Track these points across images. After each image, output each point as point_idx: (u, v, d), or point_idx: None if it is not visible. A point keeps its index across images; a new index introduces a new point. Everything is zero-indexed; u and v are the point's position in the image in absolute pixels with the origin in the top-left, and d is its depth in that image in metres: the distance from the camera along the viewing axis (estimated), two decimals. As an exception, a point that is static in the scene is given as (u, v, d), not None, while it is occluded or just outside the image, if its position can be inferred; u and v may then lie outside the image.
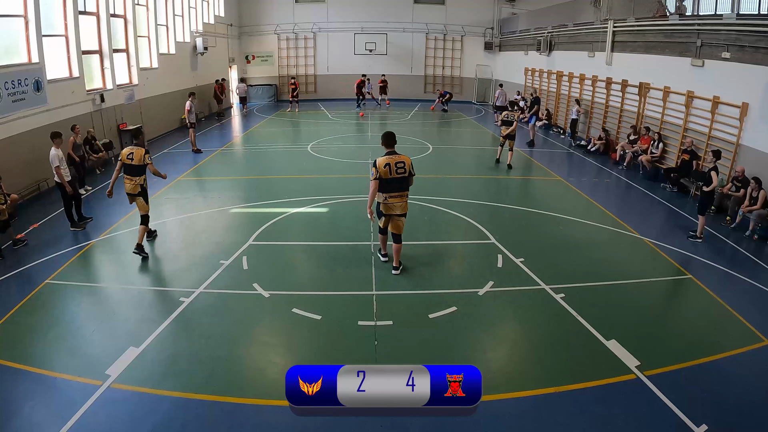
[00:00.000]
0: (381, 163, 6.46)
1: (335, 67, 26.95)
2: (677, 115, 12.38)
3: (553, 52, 20.34)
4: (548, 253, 7.85)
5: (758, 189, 8.87)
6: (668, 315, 6.40)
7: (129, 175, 7.48)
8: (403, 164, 6.50)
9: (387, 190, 6.55)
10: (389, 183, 6.50)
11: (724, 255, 8.20)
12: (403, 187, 6.59)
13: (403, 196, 6.62)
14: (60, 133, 8.63)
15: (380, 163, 6.47)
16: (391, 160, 6.48)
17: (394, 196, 6.57)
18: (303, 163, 13.69)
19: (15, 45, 10.40)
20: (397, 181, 6.49)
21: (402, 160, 6.52)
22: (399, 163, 6.48)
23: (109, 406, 4.48)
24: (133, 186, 7.49)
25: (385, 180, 6.48)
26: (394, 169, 6.46)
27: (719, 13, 11.38)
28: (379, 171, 6.45)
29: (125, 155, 7.50)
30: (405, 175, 6.52)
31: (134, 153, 7.46)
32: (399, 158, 6.53)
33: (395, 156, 6.55)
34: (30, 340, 5.44)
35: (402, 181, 6.54)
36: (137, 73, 15.85)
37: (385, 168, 6.45)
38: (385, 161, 6.48)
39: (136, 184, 7.48)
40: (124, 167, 7.52)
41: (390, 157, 6.52)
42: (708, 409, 4.52)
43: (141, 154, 7.45)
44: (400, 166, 6.48)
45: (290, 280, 7.04)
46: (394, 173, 6.47)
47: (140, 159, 7.42)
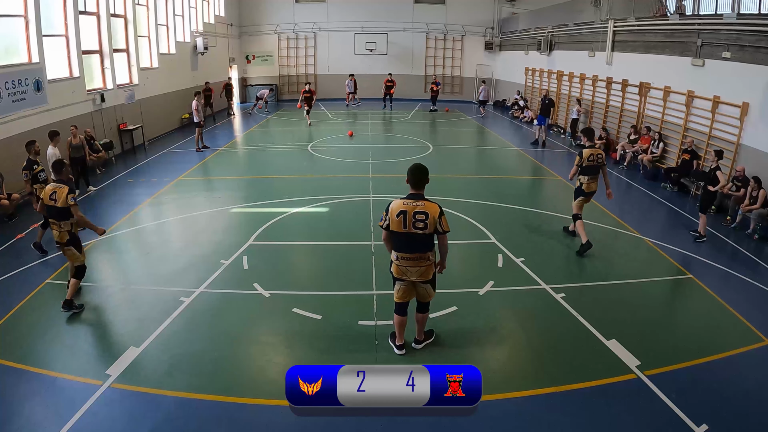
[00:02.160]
0: (394, 210, 4.64)
1: (335, 67, 26.94)
2: (678, 115, 12.37)
3: (553, 52, 20.33)
4: (549, 253, 7.85)
5: (758, 188, 8.86)
6: (669, 315, 6.40)
7: (54, 219, 5.97)
8: (425, 217, 4.58)
9: (399, 248, 4.78)
10: (401, 238, 4.71)
11: (725, 254, 8.19)
12: (422, 247, 4.72)
13: (422, 258, 4.76)
14: (58, 132, 8.70)
15: (393, 208, 4.66)
16: (408, 208, 4.60)
17: (408, 258, 4.76)
18: (303, 163, 13.69)
19: (15, 45, 10.41)
20: (414, 237, 4.66)
21: (425, 211, 4.58)
22: (419, 214, 4.58)
23: (110, 405, 4.48)
24: (60, 234, 6.00)
25: (397, 234, 4.70)
26: (411, 222, 4.60)
27: (719, 13, 11.38)
28: (390, 219, 4.67)
29: (47, 195, 5.93)
30: (426, 231, 4.63)
31: (57, 192, 5.89)
32: (422, 206, 4.60)
33: (417, 203, 4.62)
34: (30, 340, 5.44)
35: (420, 239, 4.67)
36: (137, 73, 15.85)
37: (398, 217, 4.61)
38: (401, 208, 4.62)
39: (63, 231, 5.98)
40: (47, 210, 6.04)
41: (409, 203, 4.63)
42: (708, 408, 4.51)
43: (64, 193, 5.86)
44: (420, 218, 4.58)
45: (291, 279, 7.04)
46: (411, 227, 4.62)
47: (64, 201, 5.86)
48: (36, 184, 7.70)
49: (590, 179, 7.83)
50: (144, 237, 8.55)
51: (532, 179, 13.11)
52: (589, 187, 7.87)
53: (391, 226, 4.68)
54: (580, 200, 7.97)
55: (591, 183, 7.86)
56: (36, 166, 7.65)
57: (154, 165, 13.53)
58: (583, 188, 7.87)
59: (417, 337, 5.36)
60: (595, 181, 7.87)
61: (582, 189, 7.90)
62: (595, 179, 7.86)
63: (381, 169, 12.82)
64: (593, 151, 7.78)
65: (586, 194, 7.93)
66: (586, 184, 7.85)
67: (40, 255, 7.50)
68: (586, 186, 7.85)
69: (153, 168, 13.19)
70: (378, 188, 10.89)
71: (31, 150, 7.83)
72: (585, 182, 7.85)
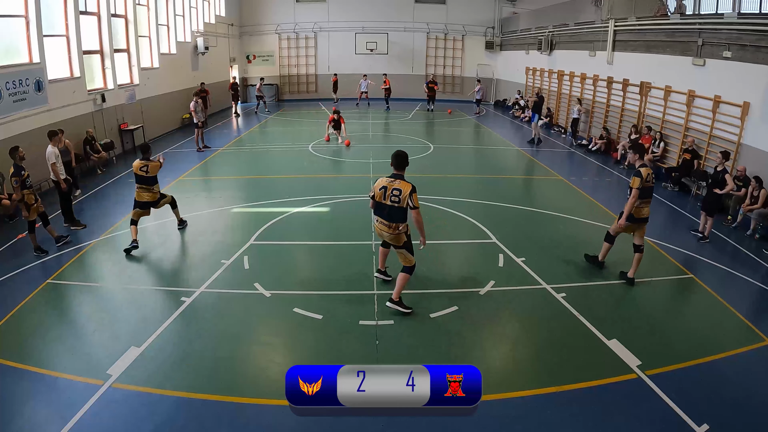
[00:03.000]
0: (378, 184, 5.86)
1: (336, 67, 26.93)
2: (678, 115, 12.36)
3: (554, 52, 20.31)
4: (549, 253, 7.84)
5: (759, 188, 8.85)
6: (670, 314, 6.39)
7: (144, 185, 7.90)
8: (400, 192, 5.69)
9: (378, 214, 5.92)
10: (380, 207, 5.86)
11: (726, 254, 8.18)
12: (393, 218, 5.78)
13: (391, 226, 5.82)
14: (56, 132, 8.75)
15: (377, 183, 5.87)
16: (389, 184, 5.76)
17: (382, 223, 5.90)
18: (304, 163, 13.69)
19: (16, 45, 10.41)
20: (387, 208, 5.78)
21: (400, 188, 5.71)
22: (395, 190, 5.71)
23: (111, 405, 4.48)
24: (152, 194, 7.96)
25: (377, 203, 5.87)
26: (389, 195, 5.74)
27: (720, 12, 11.37)
28: (374, 190, 5.88)
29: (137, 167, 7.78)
30: (400, 205, 5.72)
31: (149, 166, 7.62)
32: (398, 184, 5.74)
33: (396, 181, 5.77)
34: (31, 340, 5.45)
35: (393, 210, 5.76)
36: (138, 73, 15.86)
37: (380, 191, 5.79)
38: (383, 183, 5.81)
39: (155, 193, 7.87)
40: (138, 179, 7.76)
41: (390, 181, 5.79)
42: (709, 408, 4.51)
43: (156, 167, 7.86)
44: (395, 193, 5.71)
45: (291, 279, 7.04)
46: (388, 200, 5.76)
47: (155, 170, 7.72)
48: (24, 190, 7.45)
49: (642, 203, 6.65)
50: (145, 237, 8.55)
51: (533, 179, 13.09)
52: (640, 213, 6.67)
53: (375, 197, 5.86)
54: (626, 225, 6.75)
55: (643, 207, 6.68)
56: (23, 171, 7.41)
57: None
58: (632, 213, 6.66)
59: (393, 297, 6.06)
60: (647, 205, 6.70)
61: (631, 213, 6.67)
62: (647, 203, 6.69)
63: (381, 169, 12.79)
64: (648, 170, 6.60)
65: (636, 220, 6.69)
66: (636, 209, 6.64)
67: (41, 255, 7.50)
68: (635, 211, 6.65)
69: (154, 168, 13.17)
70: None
71: (16, 156, 7.47)
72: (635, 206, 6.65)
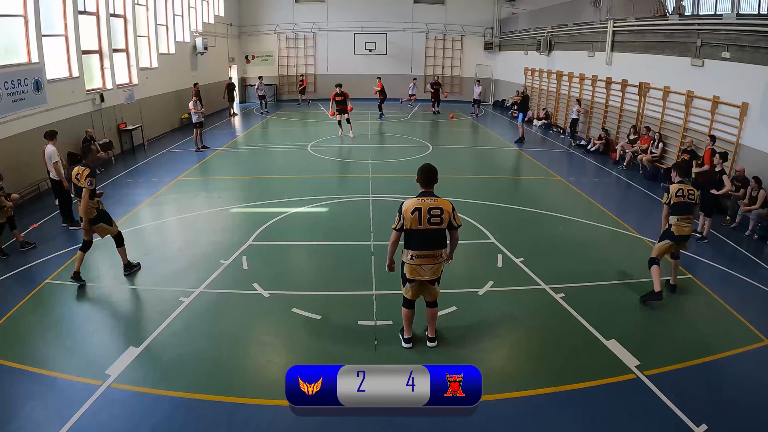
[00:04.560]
0: (408, 208, 4.78)
1: (335, 67, 26.94)
2: (677, 115, 12.38)
3: (553, 52, 20.34)
4: (548, 253, 7.85)
5: (758, 188, 8.87)
6: (668, 315, 6.39)
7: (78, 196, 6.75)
8: (441, 212, 4.78)
9: (414, 246, 4.89)
10: (417, 235, 4.85)
11: (724, 255, 8.19)
12: (438, 244, 4.90)
13: (437, 255, 4.93)
14: (55, 132, 8.77)
15: (407, 207, 4.79)
16: (423, 205, 4.78)
17: (424, 255, 4.90)
18: (303, 163, 13.68)
19: (15, 45, 10.40)
20: (429, 234, 4.84)
21: (439, 206, 4.79)
22: (434, 210, 4.77)
23: (109, 406, 4.48)
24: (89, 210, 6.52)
25: (412, 232, 4.84)
26: (426, 218, 4.77)
27: (719, 13, 11.40)
28: (404, 218, 4.78)
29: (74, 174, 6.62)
30: (442, 227, 4.83)
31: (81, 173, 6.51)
32: (436, 202, 4.81)
33: (431, 199, 4.82)
34: (30, 340, 5.43)
35: (436, 235, 4.86)
36: (137, 73, 15.85)
37: (413, 214, 4.76)
38: (415, 205, 4.78)
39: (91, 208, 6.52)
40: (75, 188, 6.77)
41: (423, 200, 4.81)
42: (708, 408, 4.51)
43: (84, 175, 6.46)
44: (435, 213, 4.77)
45: (290, 279, 7.03)
46: (426, 223, 4.78)
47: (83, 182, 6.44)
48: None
49: (681, 219, 6.38)
50: (143, 237, 8.55)
51: (532, 179, 13.10)
52: (680, 230, 6.38)
53: (405, 225, 4.81)
54: (665, 244, 6.50)
55: (682, 224, 6.39)
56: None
57: (153, 165, 13.53)
58: (672, 230, 6.42)
59: (430, 334, 5.41)
60: (688, 223, 6.43)
61: (670, 231, 6.44)
62: (687, 220, 6.42)
63: (380, 169, 12.82)
64: (683, 186, 6.45)
65: (675, 238, 6.41)
66: (676, 226, 6.38)
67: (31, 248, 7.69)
68: (675, 228, 6.39)
69: (153, 168, 13.18)
70: (377, 188, 10.89)
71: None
72: (674, 223, 6.39)
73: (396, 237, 4.95)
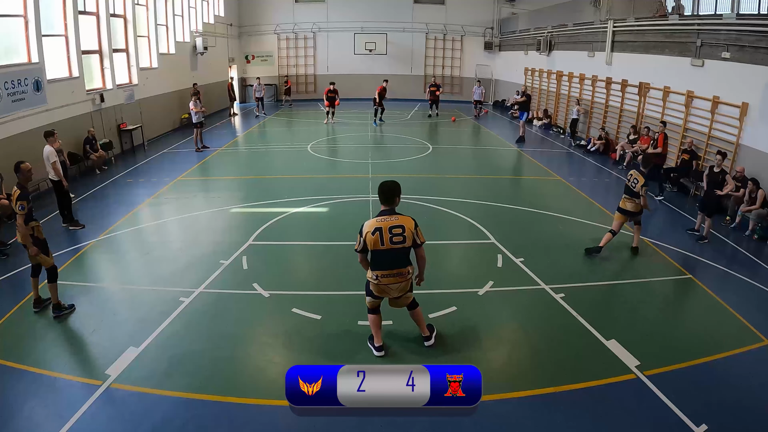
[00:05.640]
0: (368, 229, 4.66)
1: (335, 67, 26.94)
2: (677, 115, 12.38)
3: (553, 52, 20.34)
4: (548, 253, 7.85)
5: (756, 189, 8.87)
6: (668, 315, 6.40)
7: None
8: (402, 230, 4.65)
9: (378, 267, 4.78)
10: (380, 256, 4.73)
11: (724, 255, 8.20)
12: (402, 263, 4.77)
13: (403, 274, 4.81)
14: (53, 131, 8.78)
15: (367, 228, 4.68)
16: (383, 224, 4.65)
17: (389, 275, 4.79)
18: (303, 163, 13.68)
19: (15, 45, 10.40)
20: (393, 253, 4.71)
21: (400, 224, 4.66)
22: (395, 228, 4.64)
23: (109, 406, 4.48)
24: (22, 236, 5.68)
25: (375, 252, 4.72)
26: (387, 237, 4.64)
27: (719, 13, 11.40)
28: (365, 239, 4.67)
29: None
30: (405, 245, 4.69)
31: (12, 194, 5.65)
32: (397, 220, 4.68)
33: (391, 218, 4.70)
34: (30, 340, 5.44)
35: (400, 254, 4.72)
36: (137, 73, 15.84)
37: (374, 235, 4.63)
38: (375, 225, 4.65)
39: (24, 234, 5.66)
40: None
41: (383, 220, 4.68)
42: (708, 408, 4.51)
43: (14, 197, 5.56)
44: (397, 232, 4.64)
45: (290, 279, 7.03)
46: (387, 243, 4.64)
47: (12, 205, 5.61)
48: None
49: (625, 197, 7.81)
50: (143, 237, 8.55)
51: (532, 179, 13.10)
52: (624, 204, 7.80)
53: (368, 246, 4.71)
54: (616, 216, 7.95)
55: (626, 201, 7.79)
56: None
57: (153, 165, 13.52)
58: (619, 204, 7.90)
59: (423, 334, 5.37)
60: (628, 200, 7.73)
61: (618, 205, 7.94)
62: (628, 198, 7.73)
63: (380, 170, 12.82)
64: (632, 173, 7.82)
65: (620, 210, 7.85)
66: (621, 201, 7.86)
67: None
68: (621, 203, 7.87)
69: (152, 168, 13.18)
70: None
71: None
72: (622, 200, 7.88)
73: (361, 258, 4.92)
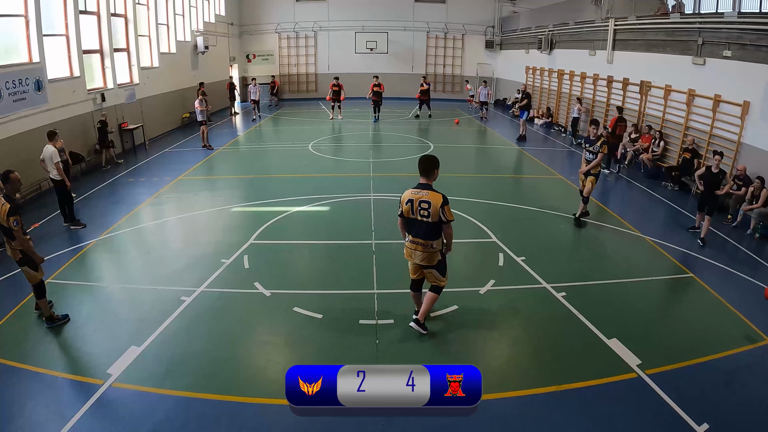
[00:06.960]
0: (404, 198, 5.17)
1: (336, 66, 26.89)
2: (678, 114, 12.35)
3: (554, 51, 20.30)
4: (549, 252, 7.84)
5: (761, 188, 8.84)
6: (669, 313, 6.39)
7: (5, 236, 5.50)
8: (428, 205, 5.03)
9: (410, 232, 5.30)
10: (410, 223, 5.22)
11: (726, 253, 8.18)
12: (425, 235, 5.14)
13: (426, 246, 5.18)
14: (56, 132, 8.78)
15: (404, 196, 5.18)
16: (415, 197, 5.08)
17: (415, 242, 5.24)
18: (304, 162, 13.68)
19: (15, 45, 10.40)
20: (419, 224, 5.14)
21: (428, 200, 5.03)
22: (423, 203, 5.04)
23: (111, 405, 4.49)
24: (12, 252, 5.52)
25: (407, 219, 5.21)
26: (417, 209, 5.08)
27: (721, 12, 11.36)
28: (401, 206, 5.20)
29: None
30: (429, 220, 5.07)
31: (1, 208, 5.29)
32: (426, 195, 5.06)
33: (422, 192, 5.09)
34: (31, 340, 5.45)
35: (424, 227, 5.12)
36: (138, 73, 15.84)
37: (407, 205, 5.12)
38: (409, 196, 5.12)
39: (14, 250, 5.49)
40: None
41: (416, 192, 5.11)
42: (709, 407, 4.51)
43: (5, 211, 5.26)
44: (424, 207, 5.04)
45: (291, 279, 7.04)
46: (417, 214, 5.10)
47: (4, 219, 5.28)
48: None
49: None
50: (144, 236, 8.56)
51: (533, 178, 13.09)
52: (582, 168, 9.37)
53: (404, 213, 5.18)
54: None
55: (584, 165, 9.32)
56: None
57: (154, 164, 13.54)
58: None
59: (417, 315, 5.60)
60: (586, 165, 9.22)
61: None
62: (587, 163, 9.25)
63: (381, 168, 12.82)
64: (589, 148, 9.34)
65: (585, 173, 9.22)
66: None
67: None
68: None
69: (153, 167, 13.19)
70: (378, 187, 10.89)
71: None
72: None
73: (401, 222, 5.33)
